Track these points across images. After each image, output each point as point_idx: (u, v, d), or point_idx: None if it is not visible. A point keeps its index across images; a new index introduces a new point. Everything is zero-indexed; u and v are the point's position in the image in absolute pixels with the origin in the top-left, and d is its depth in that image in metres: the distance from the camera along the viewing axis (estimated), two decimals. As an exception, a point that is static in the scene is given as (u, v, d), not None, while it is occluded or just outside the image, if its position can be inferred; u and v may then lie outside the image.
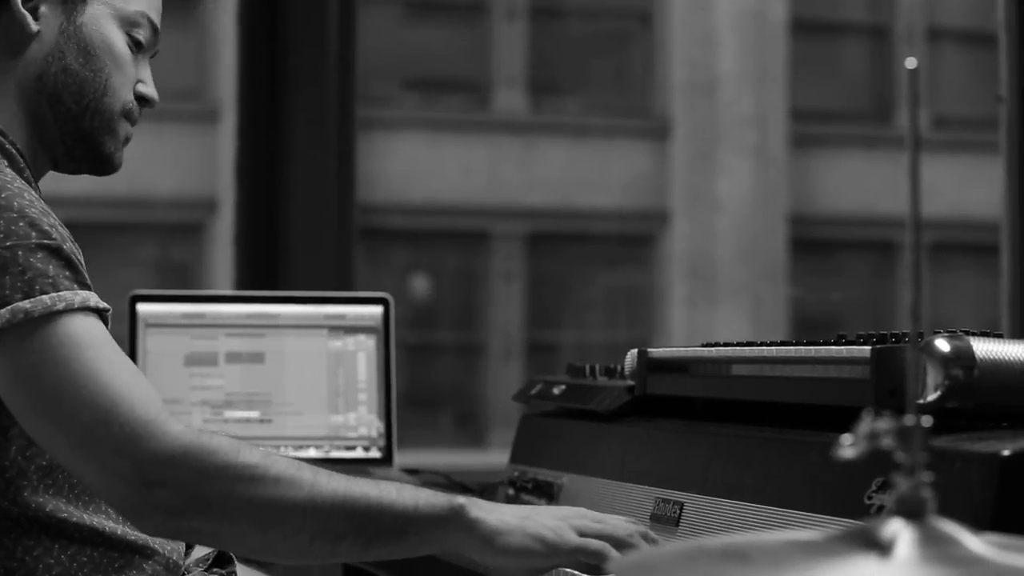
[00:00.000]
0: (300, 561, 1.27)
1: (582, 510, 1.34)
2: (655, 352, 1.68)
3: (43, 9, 1.44)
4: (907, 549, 0.74)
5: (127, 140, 1.51)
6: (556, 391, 1.86)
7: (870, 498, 1.25)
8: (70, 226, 1.39)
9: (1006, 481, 1.15)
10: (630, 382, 1.71)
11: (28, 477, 1.31)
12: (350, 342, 2.19)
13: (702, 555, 0.78)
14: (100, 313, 1.27)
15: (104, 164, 1.50)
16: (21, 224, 1.26)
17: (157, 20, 1.52)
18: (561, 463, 1.76)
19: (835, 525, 1.27)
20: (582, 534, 1.29)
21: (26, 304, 1.21)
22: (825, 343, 1.41)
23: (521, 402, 1.98)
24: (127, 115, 1.49)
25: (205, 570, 1.52)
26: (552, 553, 1.27)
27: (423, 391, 11.24)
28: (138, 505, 1.19)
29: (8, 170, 1.34)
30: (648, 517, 1.52)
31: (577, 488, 1.70)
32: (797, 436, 1.40)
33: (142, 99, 1.51)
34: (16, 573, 1.31)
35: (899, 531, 0.75)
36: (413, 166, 11.34)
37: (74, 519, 1.33)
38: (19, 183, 1.32)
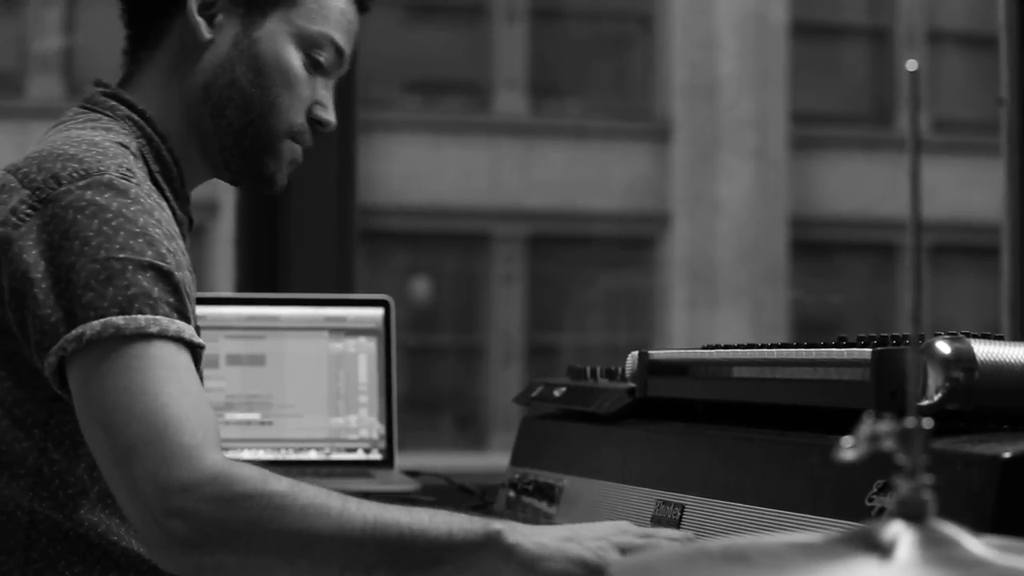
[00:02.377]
0: None
1: (624, 525, 1.28)
2: (656, 354, 1.68)
3: (220, 18, 1.42)
4: (908, 551, 0.74)
5: (294, 162, 1.46)
6: (557, 393, 1.86)
7: (871, 500, 1.25)
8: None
9: (1007, 483, 1.15)
10: (631, 384, 1.71)
11: (89, 496, 1.30)
12: (351, 344, 2.19)
13: (703, 557, 0.78)
14: (192, 348, 1.24)
15: (264, 183, 1.46)
16: (140, 240, 1.23)
17: (344, 43, 1.46)
18: (562, 465, 1.76)
19: (836, 527, 1.27)
20: (625, 551, 1.24)
21: (119, 320, 1.19)
22: (826, 345, 1.41)
23: (522, 404, 1.98)
24: (295, 137, 1.45)
25: None
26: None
27: (424, 393, 11.24)
28: (159, 537, 1.14)
29: (147, 184, 1.31)
30: (649, 519, 1.52)
31: (578, 490, 1.71)
32: (798, 438, 1.40)
33: (317, 122, 1.46)
34: None
35: (900, 533, 0.75)
36: (414, 168, 11.34)
37: (123, 543, 1.31)
38: (152, 200, 1.29)
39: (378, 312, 2.22)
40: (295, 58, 1.43)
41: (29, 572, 1.30)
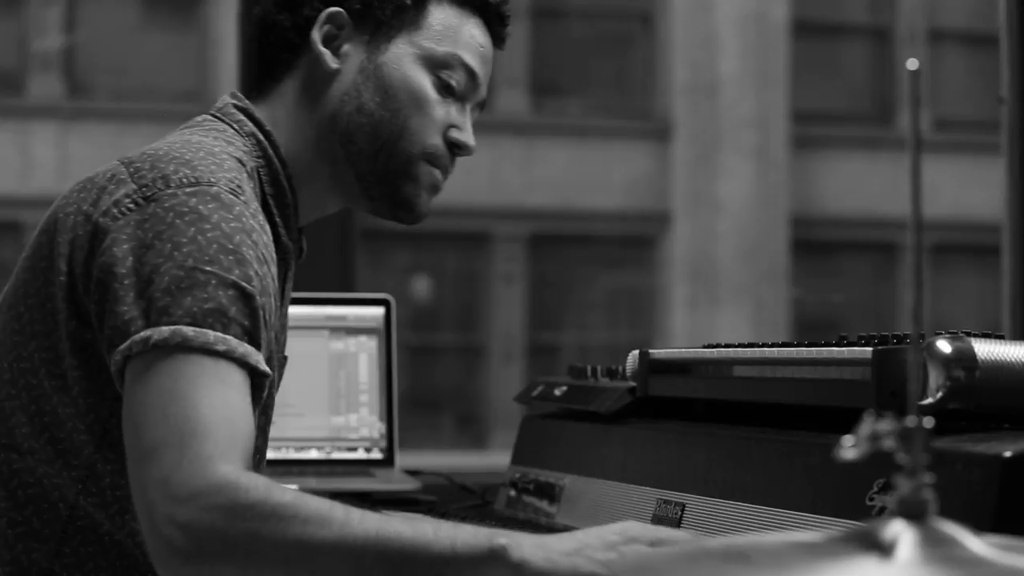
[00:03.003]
0: None
1: (634, 528, 1.22)
2: (656, 353, 1.68)
3: (345, 48, 1.41)
4: (908, 550, 0.74)
5: (434, 188, 1.44)
6: (557, 392, 1.86)
7: (871, 499, 1.25)
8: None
9: (1007, 482, 1.15)
10: (631, 383, 1.71)
11: (134, 502, 1.28)
12: (351, 343, 2.19)
13: (703, 556, 0.78)
14: (255, 375, 1.22)
15: (403, 210, 1.44)
16: (230, 258, 1.22)
17: (476, 65, 1.44)
18: (563, 464, 1.76)
19: (836, 526, 1.27)
20: None
21: (189, 331, 1.18)
22: (826, 344, 1.41)
23: (522, 403, 1.98)
24: (431, 160, 1.43)
25: None
26: None
27: (424, 392, 11.24)
28: (157, 547, 1.13)
29: (254, 204, 1.30)
30: (650, 518, 1.52)
31: (579, 489, 1.71)
32: (798, 437, 1.40)
33: (455, 145, 1.44)
34: None
35: (900, 532, 0.75)
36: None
37: None
38: (256, 221, 1.28)
39: (379, 311, 2.21)
40: (424, 79, 1.42)
41: (57, 566, 1.30)
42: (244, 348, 1.20)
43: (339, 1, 1.42)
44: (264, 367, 1.22)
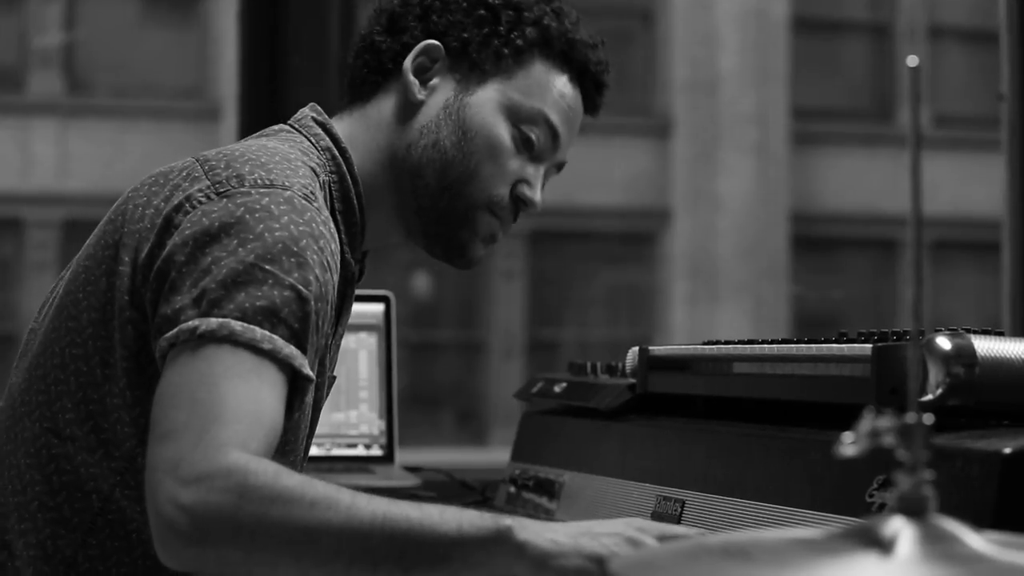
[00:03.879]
0: None
1: (638, 522, 1.24)
2: (656, 350, 1.68)
3: (435, 81, 1.42)
4: (908, 547, 0.74)
5: (491, 239, 1.45)
6: (557, 389, 1.86)
7: (871, 496, 1.25)
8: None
9: (1007, 479, 1.15)
10: (631, 380, 1.71)
11: None
12: (351, 340, 2.19)
13: (703, 553, 0.78)
14: (297, 378, 1.21)
15: (456, 254, 1.44)
16: (292, 260, 1.22)
17: (559, 125, 1.45)
18: (562, 461, 1.76)
19: (836, 523, 1.27)
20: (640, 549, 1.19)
21: (237, 326, 1.18)
22: (826, 341, 1.41)
23: (522, 400, 1.98)
24: (493, 210, 1.43)
25: None
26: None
27: (424, 389, 11.24)
28: (160, 530, 1.13)
29: (325, 212, 1.31)
30: (649, 515, 1.52)
31: (578, 486, 1.71)
32: (798, 434, 1.40)
33: (521, 200, 1.44)
34: (83, 567, 1.30)
35: (900, 529, 0.75)
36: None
37: None
38: (326, 229, 1.28)
39: (379, 308, 2.21)
40: (503, 129, 1.42)
41: (81, 556, 1.30)
42: (289, 350, 1.20)
43: (440, 35, 1.43)
44: (307, 371, 1.22)
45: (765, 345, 1.51)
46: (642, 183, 11.87)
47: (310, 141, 1.40)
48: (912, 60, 0.79)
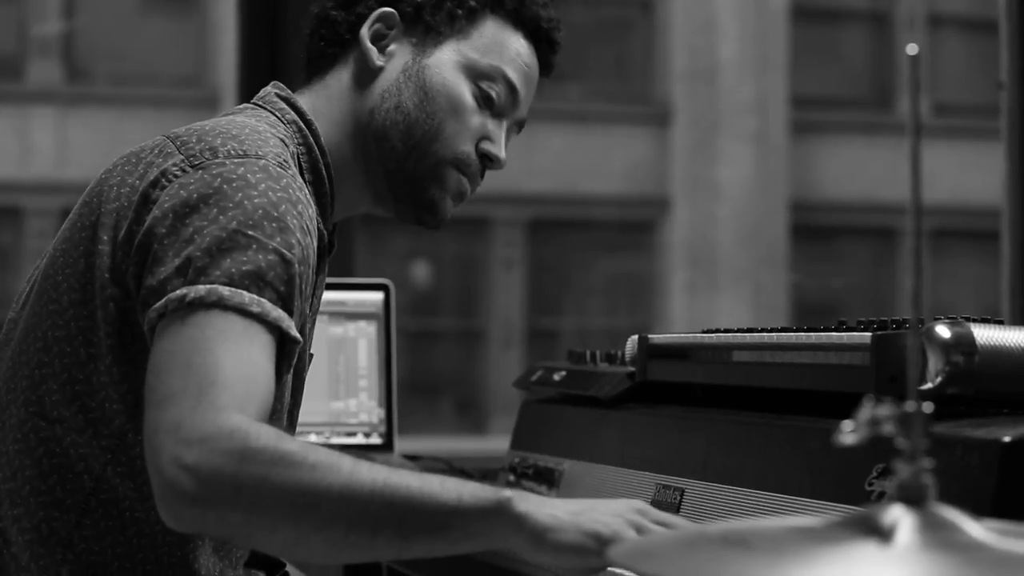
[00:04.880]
0: (335, 558, 1.19)
1: (639, 504, 1.24)
2: (656, 338, 1.68)
3: (392, 47, 1.45)
4: (908, 535, 0.74)
5: (460, 196, 1.47)
6: (557, 377, 1.86)
7: (871, 484, 1.25)
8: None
9: (1006, 467, 1.15)
10: (631, 368, 1.71)
11: None
12: (351, 328, 2.19)
13: (702, 541, 0.78)
14: (285, 340, 1.23)
15: (427, 212, 1.47)
16: (273, 225, 1.24)
17: (518, 82, 1.48)
18: (562, 449, 1.76)
19: (836, 511, 1.27)
20: (640, 532, 1.20)
21: (225, 291, 1.19)
22: (825, 329, 1.41)
23: (522, 388, 1.98)
24: (460, 167, 1.46)
25: None
26: (607, 551, 1.16)
27: (424, 378, 11.24)
28: (163, 491, 1.13)
29: (299, 180, 1.33)
30: (649, 503, 1.52)
31: (578, 474, 1.71)
32: (798, 422, 1.40)
33: (486, 157, 1.47)
34: (79, 548, 1.31)
35: (900, 517, 0.75)
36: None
37: (173, 537, 1.31)
38: (303, 194, 1.30)
39: (378, 296, 2.21)
40: (464, 87, 1.45)
41: (76, 537, 1.31)
42: (277, 312, 1.22)
43: (393, 2, 1.46)
44: (295, 333, 1.24)
45: (764, 333, 1.51)
46: (641, 171, 11.86)
47: (276, 115, 1.42)
48: (912, 48, 0.79)
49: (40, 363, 1.32)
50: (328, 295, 2.22)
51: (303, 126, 1.42)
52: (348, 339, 2.19)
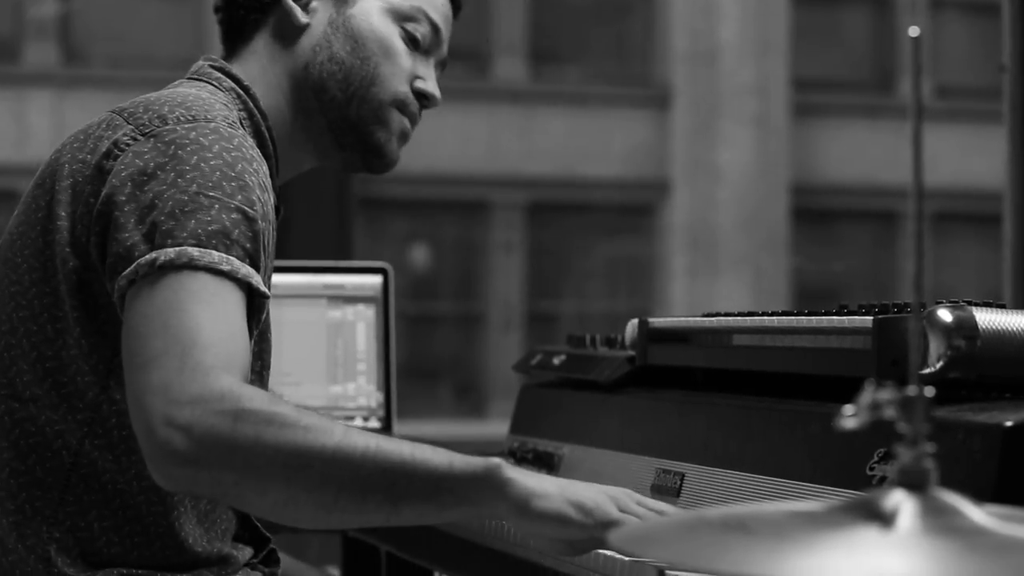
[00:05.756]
0: (324, 523, 1.20)
1: (627, 491, 1.26)
2: (656, 322, 1.68)
3: (314, 4, 1.47)
4: (909, 520, 0.73)
5: (404, 136, 1.50)
6: (556, 361, 1.86)
7: (872, 469, 1.24)
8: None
9: (1008, 452, 1.15)
10: (631, 352, 1.71)
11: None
12: (349, 312, 2.19)
13: (703, 525, 0.78)
14: (255, 296, 1.25)
15: (375, 156, 1.49)
16: (233, 184, 1.25)
17: (439, 21, 1.51)
18: (561, 434, 1.76)
19: (837, 496, 1.26)
20: (624, 512, 1.22)
21: (194, 251, 1.20)
22: (826, 313, 1.41)
23: (521, 372, 1.98)
24: (400, 107, 1.48)
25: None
26: (590, 523, 1.20)
27: (422, 361, 11.25)
28: (155, 450, 1.14)
29: (250, 140, 1.35)
30: (649, 487, 1.52)
31: (577, 459, 1.70)
32: (798, 406, 1.39)
33: (422, 96, 1.50)
34: (64, 524, 1.31)
35: (901, 502, 0.74)
36: (413, 135, 11.30)
37: (159, 507, 1.32)
38: (256, 152, 1.33)
39: (377, 280, 2.21)
40: (392, 30, 1.48)
41: (61, 514, 1.31)
42: (246, 269, 1.23)
43: None
44: (264, 289, 1.26)
45: (765, 317, 1.50)
46: (641, 154, 11.84)
47: (213, 84, 1.44)
48: (913, 31, 0.78)
49: (8, 345, 1.33)
50: (326, 278, 2.21)
51: (241, 92, 1.44)
52: (347, 323, 2.19)
